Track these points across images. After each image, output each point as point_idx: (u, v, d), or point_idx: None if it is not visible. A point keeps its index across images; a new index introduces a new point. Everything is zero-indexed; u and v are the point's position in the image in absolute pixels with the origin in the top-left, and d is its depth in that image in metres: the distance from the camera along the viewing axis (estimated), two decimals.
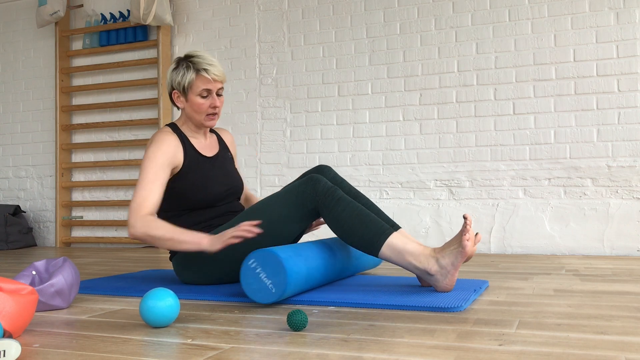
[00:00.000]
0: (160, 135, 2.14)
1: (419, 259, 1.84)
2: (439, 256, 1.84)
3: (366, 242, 1.89)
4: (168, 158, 2.10)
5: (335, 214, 1.91)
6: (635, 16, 3.38)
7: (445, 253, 1.83)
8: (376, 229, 1.88)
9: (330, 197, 1.93)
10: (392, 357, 1.17)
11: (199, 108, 2.16)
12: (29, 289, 1.40)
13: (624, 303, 1.74)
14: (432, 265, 1.84)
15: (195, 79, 2.13)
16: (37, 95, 4.94)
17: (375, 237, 1.87)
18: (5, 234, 4.51)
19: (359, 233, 1.89)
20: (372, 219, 1.90)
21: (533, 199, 3.54)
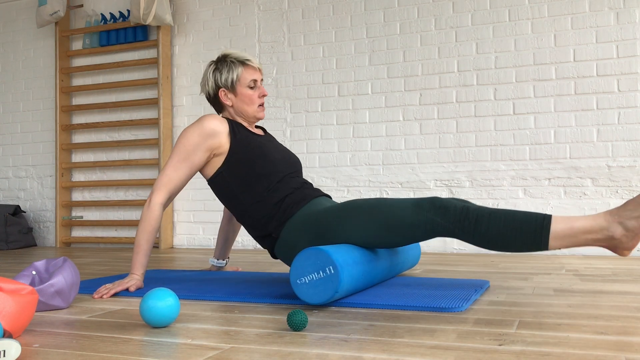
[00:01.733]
0: (204, 118, 2.13)
1: (596, 232, 1.70)
2: (624, 218, 1.68)
3: (529, 245, 1.75)
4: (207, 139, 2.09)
5: (481, 235, 1.77)
6: (635, 16, 3.38)
7: (633, 212, 1.68)
8: (531, 227, 1.73)
9: (466, 221, 1.78)
10: (392, 357, 1.17)
11: (250, 99, 2.21)
12: (29, 289, 1.40)
13: (624, 303, 1.74)
14: (616, 230, 1.69)
15: (243, 71, 2.21)
16: (37, 95, 4.94)
17: (535, 236, 1.73)
18: (5, 234, 4.51)
19: (518, 243, 1.75)
20: (520, 220, 1.75)
21: (533, 199, 3.54)
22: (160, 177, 2.11)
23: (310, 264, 1.70)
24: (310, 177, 4.05)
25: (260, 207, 2.08)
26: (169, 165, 2.11)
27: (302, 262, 1.71)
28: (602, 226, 1.69)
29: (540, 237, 1.72)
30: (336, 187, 3.99)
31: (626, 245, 1.71)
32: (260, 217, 2.08)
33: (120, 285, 2.01)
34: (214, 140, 2.11)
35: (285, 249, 2.05)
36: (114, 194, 4.67)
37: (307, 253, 1.71)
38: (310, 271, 1.70)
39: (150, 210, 2.07)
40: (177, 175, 2.11)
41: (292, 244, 2.02)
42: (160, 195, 2.10)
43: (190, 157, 2.10)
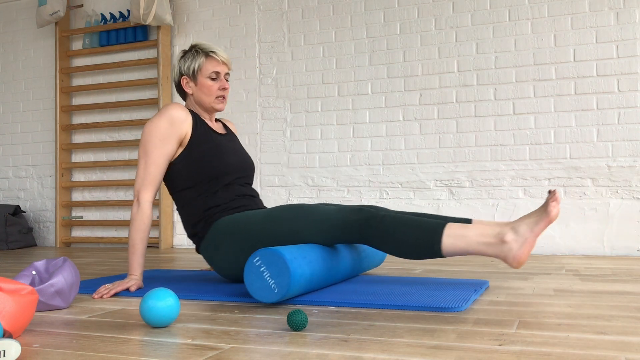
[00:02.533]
0: (166, 107, 2.15)
1: (487, 234, 1.76)
2: (517, 225, 1.77)
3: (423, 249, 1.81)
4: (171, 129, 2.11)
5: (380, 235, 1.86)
6: (635, 16, 3.38)
7: (525, 220, 1.77)
8: (429, 228, 1.80)
9: (373, 219, 1.88)
10: (392, 357, 1.17)
11: (208, 90, 2.22)
12: (29, 289, 1.40)
13: (624, 303, 1.74)
14: (507, 233, 1.75)
15: (205, 62, 2.22)
16: (37, 95, 4.94)
17: (429, 239, 1.80)
18: (5, 234, 4.51)
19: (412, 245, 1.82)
20: (418, 224, 1.82)
21: (533, 199, 3.54)
22: (143, 175, 2.10)
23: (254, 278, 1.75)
24: (310, 177, 4.06)
25: (198, 205, 2.16)
26: (149, 160, 2.10)
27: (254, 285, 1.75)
28: (495, 230, 1.77)
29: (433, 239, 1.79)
30: (336, 187, 3.99)
31: (516, 251, 1.75)
32: (193, 215, 2.17)
33: (120, 286, 2.01)
34: (182, 127, 2.14)
35: (209, 249, 2.13)
36: (114, 194, 4.67)
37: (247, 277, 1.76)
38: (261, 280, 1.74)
39: (143, 209, 2.07)
40: (159, 171, 2.12)
41: (216, 245, 2.10)
42: (148, 193, 2.10)
43: (164, 146, 2.11)
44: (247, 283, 1.76)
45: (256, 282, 1.75)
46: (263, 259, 1.75)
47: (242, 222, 2.06)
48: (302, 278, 1.77)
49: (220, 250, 2.09)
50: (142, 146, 2.12)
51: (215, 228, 2.11)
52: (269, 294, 1.74)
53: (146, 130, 2.12)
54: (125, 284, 2.03)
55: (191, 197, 2.17)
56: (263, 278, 1.74)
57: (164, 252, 4.03)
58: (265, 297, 1.74)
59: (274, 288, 1.73)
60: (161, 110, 2.15)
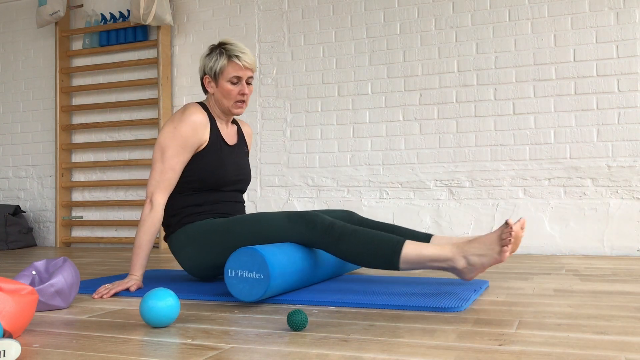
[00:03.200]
0: (191, 110, 2.16)
1: (441, 261, 1.84)
2: (468, 253, 1.81)
3: (383, 265, 1.89)
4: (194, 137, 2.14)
5: (341, 251, 1.92)
6: (635, 16, 3.38)
7: (477, 251, 1.81)
8: (385, 250, 1.86)
9: (328, 237, 1.93)
10: (392, 357, 1.17)
11: (228, 94, 2.21)
12: (29, 289, 1.40)
13: (624, 303, 1.74)
14: (459, 262, 1.82)
15: (226, 65, 2.19)
16: (37, 95, 4.94)
17: (386, 258, 1.86)
18: (5, 234, 4.51)
19: (373, 262, 1.89)
20: (377, 242, 1.88)
21: (533, 199, 3.54)
22: (158, 179, 2.11)
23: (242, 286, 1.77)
24: (310, 177, 4.06)
25: (179, 200, 2.19)
26: (166, 165, 2.10)
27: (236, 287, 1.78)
28: (447, 257, 1.83)
29: (392, 260, 1.86)
30: (336, 187, 3.99)
31: (467, 275, 1.85)
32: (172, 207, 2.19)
33: (120, 286, 2.01)
34: (204, 134, 2.17)
35: (174, 245, 2.18)
36: (114, 194, 4.67)
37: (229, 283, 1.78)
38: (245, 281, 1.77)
39: (155, 212, 2.08)
40: (175, 175, 2.13)
41: (181, 244, 2.14)
42: (162, 196, 2.11)
43: (184, 153, 2.13)
44: (237, 295, 1.77)
45: (243, 287, 1.76)
46: (233, 265, 1.77)
47: (206, 232, 2.10)
48: (276, 256, 1.79)
49: (184, 251, 2.15)
50: (160, 148, 2.11)
51: (184, 230, 2.15)
52: (259, 285, 1.74)
53: (168, 132, 2.11)
54: (125, 284, 2.03)
55: (177, 192, 2.20)
56: (245, 279, 1.76)
57: (164, 252, 4.03)
58: (259, 292, 1.74)
59: (258, 277, 1.74)
60: (184, 114, 2.14)
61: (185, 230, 2.15)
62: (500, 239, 1.78)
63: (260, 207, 4.17)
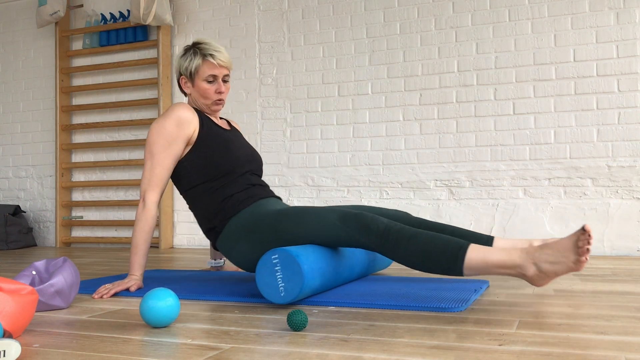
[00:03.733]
0: (176, 107, 2.14)
1: (509, 268, 1.71)
2: (539, 260, 1.68)
3: (445, 271, 1.77)
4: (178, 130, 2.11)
5: (399, 257, 1.82)
6: (635, 16, 3.38)
7: (550, 258, 1.67)
8: (448, 255, 1.75)
9: (386, 242, 1.82)
10: (392, 357, 1.17)
11: (204, 93, 2.20)
12: (29, 289, 1.40)
13: (624, 303, 1.74)
14: (529, 269, 1.69)
15: (201, 64, 2.19)
16: (37, 95, 4.94)
17: (449, 265, 1.75)
18: (5, 234, 4.51)
19: (434, 268, 1.78)
20: (438, 247, 1.76)
21: (533, 199, 3.54)
22: (149, 176, 2.10)
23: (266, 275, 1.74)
24: (310, 177, 4.06)
25: (210, 200, 2.13)
26: (154, 162, 2.10)
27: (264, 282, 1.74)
28: (515, 263, 1.70)
29: (455, 266, 1.75)
30: (336, 187, 3.99)
31: (537, 283, 1.73)
32: (207, 210, 2.14)
33: (120, 286, 2.01)
34: (190, 127, 2.13)
35: (226, 245, 2.10)
36: (114, 194, 4.67)
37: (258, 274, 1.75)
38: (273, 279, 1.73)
39: (147, 210, 2.08)
40: (165, 172, 2.12)
41: (233, 241, 2.07)
42: (154, 194, 2.10)
43: (172, 147, 2.11)
44: (258, 274, 1.74)
45: (267, 277, 1.74)
46: (281, 259, 1.73)
47: (256, 223, 2.02)
48: (310, 289, 1.76)
49: (238, 246, 2.05)
50: (147, 147, 2.12)
51: (231, 224, 2.07)
52: (274, 294, 1.73)
53: (152, 131, 2.11)
54: (125, 284, 2.03)
55: (203, 192, 2.14)
56: (275, 277, 1.73)
57: (164, 252, 4.03)
58: (269, 295, 1.74)
59: (281, 291, 1.72)
60: (167, 111, 2.14)
61: (233, 224, 2.07)
62: (576, 246, 1.63)
63: None
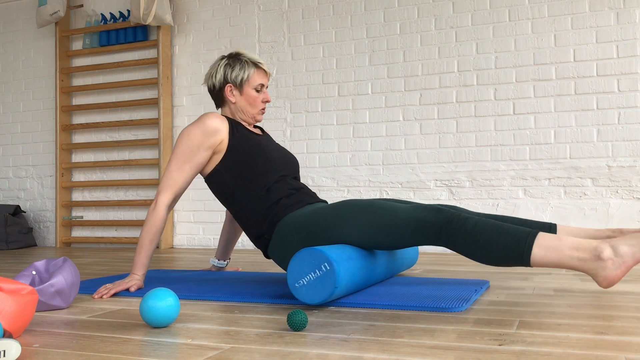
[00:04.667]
0: (207, 116, 2.14)
1: (584, 250, 1.62)
2: (617, 242, 1.61)
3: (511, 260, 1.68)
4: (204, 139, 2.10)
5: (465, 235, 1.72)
6: (635, 16, 3.38)
7: (628, 241, 1.61)
8: (514, 242, 1.66)
9: (454, 221, 1.75)
10: (392, 357, 1.17)
11: (254, 101, 2.24)
12: (29, 289, 1.40)
13: (624, 303, 1.74)
14: (605, 250, 1.60)
15: (254, 73, 2.23)
16: (37, 95, 4.94)
17: (518, 252, 1.66)
18: (5, 234, 4.51)
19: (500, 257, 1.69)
20: (505, 234, 1.68)
21: (533, 199, 3.54)
22: (165, 179, 2.12)
23: (305, 265, 1.70)
24: (311, 177, 4.05)
25: (256, 206, 2.08)
26: (173, 165, 2.11)
27: (297, 265, 1.71)
28: (591, 245, 1.63)
29: (522, 253, 1.65)
30: (336, 187, 3.99)
31: (610, 272, 1.62)
32: (254, 217, 2.09)
33: (120, 285, 2.02)
34: (216, 137, 2.12)
35: (278, 250, 2.04)
36: (114, 194, 4.67)
37: (300, 255, 1.71)
38: (306, 272, 1.70)
39: (157, 211, 2.08)
40: (182, 176, 2.12)
41: (285, 245, 2.00)
42: (166, 196, 2.10)
43: (194, 156, 2.11)
44: (298, 255, 1.70)
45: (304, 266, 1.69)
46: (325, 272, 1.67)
47: (308, 220, 1.96)
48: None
49: (289, 250, 1.99)
50: (173, 151, 2.14)
51: (280, 228, 2.02)
52: (292, 284, 1.71)
53: (180, 136, 2.13)
54: (126, 284, 2.03)
55: (245, 200, 2.10)
56: (307, 273, 1.70)
57: (164, 252, 4.03)
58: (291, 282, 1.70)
59: (299, 290, 1.70)
60: (198, 118, 2.14)
61: (282, 228, 2.02)
62: None
63: None
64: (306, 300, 1.70)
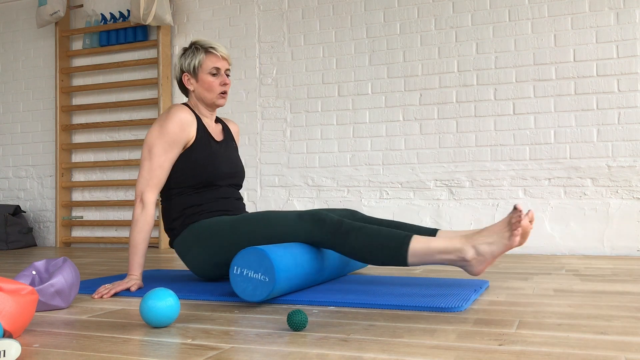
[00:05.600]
0: (177, 109, 2.18)
1: (450, 253, 1.80)
2: (478, 242, 1.78)
3: (391, 260, 1.87)
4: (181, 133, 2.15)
5: (350, 247, 1.90)
6: (635, 16, 3.38)
7: (487, 239, 1.77)
8: (393, 244, 1.85)
9: (338, 233, 1.92)
10: (392, 357, 1.17)
11: (210, 86, 2.25)
12: (29, 289, 1.40)
13: (624, 303, 1.74)
14: (468, 252, 1.78)
15: (205, 58, 2.25)
16: (37, 95, 4.94)
17: (396, 252, 1.85)
18: (5, 234, 4.51)
19: (381, 257, 1.88)
20: (384, 237, 1.87)
21: (533, 199, 3.54)
22: (148, 177, 2.13)
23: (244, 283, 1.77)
24: (310, 177, 4.06)
25: (179, 202, 2.19)
26: (154, 163, 2.12)
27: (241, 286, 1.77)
28: (456, 247, 1.80)
29: (400, 255, 1.84)
30: (336, 187, 3.99)
31: (476, 267, 1.80)
32: (173, 210, 2.20)
33: (120, 286, 2.02)
34: (191, 131, 2.18)
35: (181, 247, 2.18)
36: (114, 194, 4.67)
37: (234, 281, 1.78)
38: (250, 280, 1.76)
39: (147, 210, 2.09)
40: (163, 173, 2.15)
41: (188, 246, 2.14)
42: (152, 194, 2.13)
43: (172, 150, 2.15)
44: (241, 294, 1.77)
45: (247, 286, 1.76)
46: (240, 264, 1.77)
47: (213, 230, 2.09)
48: (282, 259, 1.79)
49: (191, 252, 2.15)
50: (147, 147, 2.14)
51: (189, 230, 2.16)
52: (263, 287, 1.74)
53: (155, 131, 2.13)
54: (125, 284, 2.03)
55: (176, 194, 2.21)
56: (250, 279, 1.76)
57: (164, 252, 4.03)
58: (263, 293, 1.74)
59: (263, 279, 1.74)
60: (168, 112, 2.16)
61: (190, 231, 2.15)
62: (509, 224, 1.74)
63: (260, 207, 4.17)
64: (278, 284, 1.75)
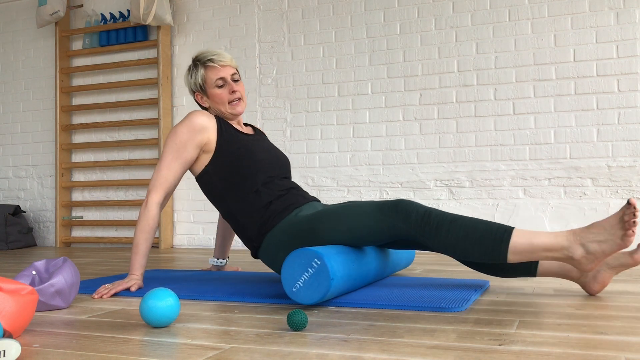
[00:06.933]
0: (193, 113, 2.15)
1: (555, 250, 1.69)
2: (586, 240, 1.67)
3: (488, 257, 1.73)
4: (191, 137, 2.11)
5: (440, 242, 1.76)
6: (635, 16, 3.38)
7: (597, 237, 1.66)
8: (490, 239, 1.71)
9: (427, 226, 1.77)
10: (392, 357, 1.17)
11: (219, 98, 2.22)
12: (29, 289, 1.40)
13: (624, 303, 1.74)
14: (577, 251, 1.67)
15: (206, 73, 2.22)
16: (37, 95, 4.94)
17: (494, 248, 1.71)
18: (5, 234, 4.51)
19: (476, 253, 1.74)
20: (482, 231, 1.73)
21: (533, 199, 3.54)
22: (155, 177, 2.12)
23: (296, 267, 1.71)
24: (310, 177, 4.06)
25: (243, 208, 2.09)
26: (163, 164, 2.12)
27: (289, 270, 1.72)
28: (562, 245, 1.68)
29: (499, 250, 1.71)
30: (336, 187, 3.99)
31: (584, 267, 1.70)
32: (243, 220, 2.10)
33: (120, 285, 2.02)
34: (203, 135, 2.12)
35: (267, 258, 2.07)
36: (114, 194, 4.67)
37: (290, 260, 1.72)
38: (299, 274, 1.71)
39: (148, 210, 2.08)
40: (171, 174, 2.13)
41: (273, 254, 2.03)
42: (157, 195, 2.11)
43: (181, 154, 2.12)
44: (289, 258, 1.71)
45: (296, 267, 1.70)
46: (318, 268, 1.68)
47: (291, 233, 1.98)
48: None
49: (278, 259, 2.02)
50: (163, 150, 2.15)
51: (267, 240, 2.04)
52: (288, 284, 1.71)
53: (168, 134, 2.15)
54: (125, 284, 2.03)
55: (232, 201, 2.11)
56: (300, 274, 1.70)
57: (164, 252, 4.03)
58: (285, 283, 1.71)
59: (297, 294, 1.70)
60: (185, 117, 2.16)
61: (269, 240, 2.04)
62: (622, 221, 1.62)
63: None
64: (306, 301, 1.70)
